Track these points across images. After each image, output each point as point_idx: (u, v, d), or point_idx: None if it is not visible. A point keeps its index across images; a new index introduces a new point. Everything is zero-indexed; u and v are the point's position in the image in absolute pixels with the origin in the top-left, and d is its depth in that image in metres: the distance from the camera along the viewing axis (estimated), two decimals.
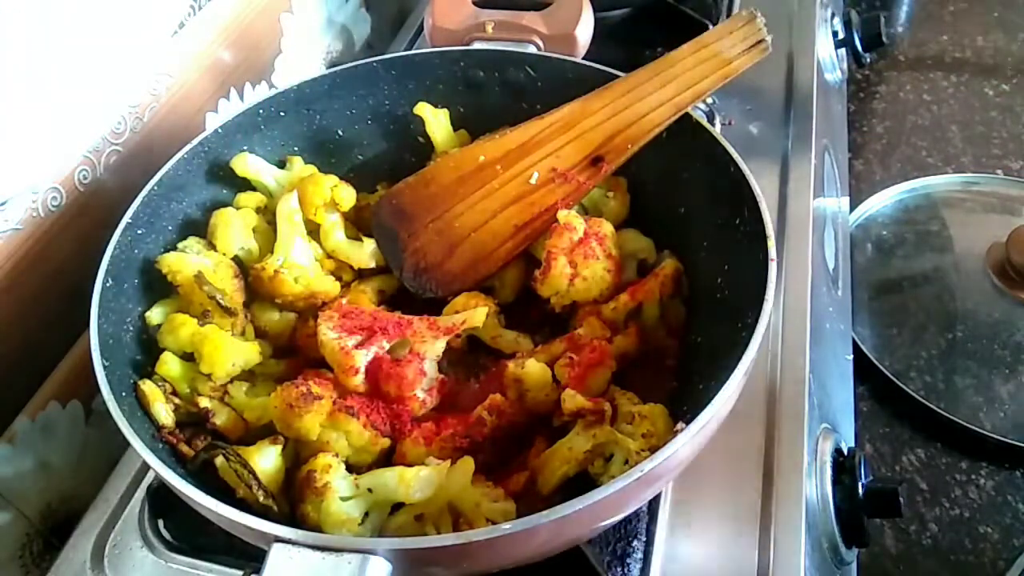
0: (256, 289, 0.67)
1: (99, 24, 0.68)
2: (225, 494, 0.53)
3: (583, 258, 0.64)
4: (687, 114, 0.67)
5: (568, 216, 0.66)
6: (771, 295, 0.53)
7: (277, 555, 0.43)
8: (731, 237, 0.61)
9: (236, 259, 0.68)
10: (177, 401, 0.59)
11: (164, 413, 0.58)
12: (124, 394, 0.55)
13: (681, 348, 0.65)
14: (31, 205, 0.64)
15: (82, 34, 0.67)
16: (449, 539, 0.43)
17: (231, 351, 0.60)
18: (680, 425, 0.47)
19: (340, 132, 0.77)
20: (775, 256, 0.55)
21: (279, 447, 0.56)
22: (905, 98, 1.28)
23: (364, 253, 0.70)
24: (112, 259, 0.59)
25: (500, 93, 0.76)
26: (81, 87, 0.68)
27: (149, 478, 0.66)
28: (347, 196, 0.70)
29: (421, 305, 0.68)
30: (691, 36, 0.62)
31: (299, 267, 0.66)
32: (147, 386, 0.58)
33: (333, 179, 0.70)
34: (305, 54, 1.00)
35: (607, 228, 0.67)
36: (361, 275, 0.71)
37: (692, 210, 0.68)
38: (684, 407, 0.58)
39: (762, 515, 0.59)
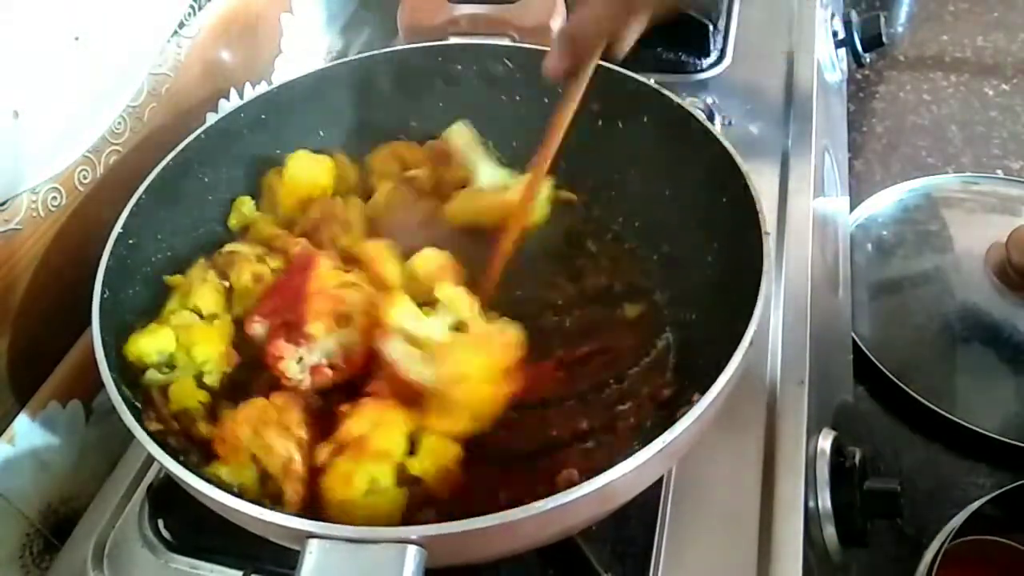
0: None
1: (98, 24, 0.68)
2: None
3: None
4: (668, 98, 0.67)
5: None
6: (769, 266, 0.53)
7: (314, 552, 0.42)
8: (717, 214, 0.62)
9: None
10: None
11: None
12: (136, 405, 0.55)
13: (672, 327, 0.66)
14: (31, 205, 0.64)
15: (81, 34, 0.67)
16: (479, 522, 0.42)
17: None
18: (696, 396, 0.47)
19: (321, 132, 0.77)
20: (769, 231, 0.56)
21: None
22: (905, 98, 1.28)
23: None
24: (107, 270, 0.59)
25: (479, 86, 0.76)
26: (81, 85, 0.68)
27: (149, 478, 0.66)
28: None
29: None
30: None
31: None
32: None
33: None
34: (305, 54, 1.00)
35: None
36: None
37: (676, 191, 0.69)
38: (685, 382, 0.59)
39: (761, 515, 0.59)
